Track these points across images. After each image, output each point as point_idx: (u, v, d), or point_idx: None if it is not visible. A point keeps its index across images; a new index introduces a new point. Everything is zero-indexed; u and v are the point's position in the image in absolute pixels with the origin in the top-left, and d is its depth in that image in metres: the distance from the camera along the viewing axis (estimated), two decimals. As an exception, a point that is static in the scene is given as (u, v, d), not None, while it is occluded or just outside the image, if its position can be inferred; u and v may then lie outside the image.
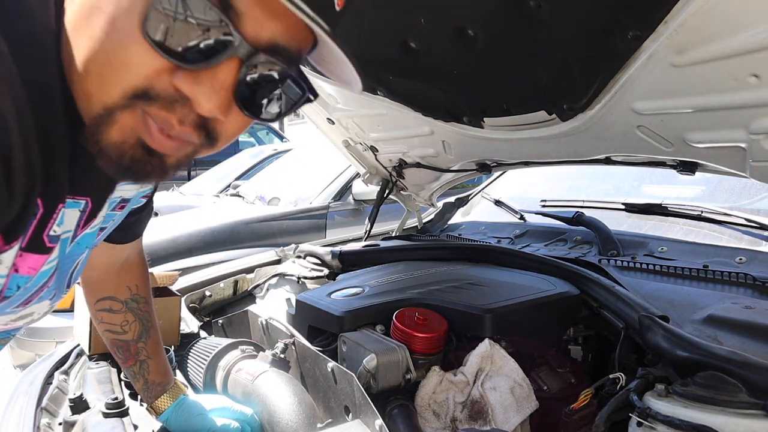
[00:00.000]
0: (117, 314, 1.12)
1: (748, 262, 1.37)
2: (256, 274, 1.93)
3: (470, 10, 1.17)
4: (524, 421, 1.14)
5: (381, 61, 1.48)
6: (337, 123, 2.03)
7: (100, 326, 1.14)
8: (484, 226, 2.12)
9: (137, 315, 1.14)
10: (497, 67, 1.33)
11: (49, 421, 1.23)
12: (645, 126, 1.28)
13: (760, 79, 0.96)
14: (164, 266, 3.19)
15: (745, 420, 0.83)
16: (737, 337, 1.04)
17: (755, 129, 1.09)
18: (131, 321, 1.13)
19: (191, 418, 1.13)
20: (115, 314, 1.12)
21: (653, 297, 1.25)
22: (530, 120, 1.46)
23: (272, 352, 1.29)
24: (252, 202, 4.34)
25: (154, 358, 1.16)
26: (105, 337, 1.15)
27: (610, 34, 1.06)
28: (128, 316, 1.13)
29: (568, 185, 2.35)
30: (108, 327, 1.13)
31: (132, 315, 1.13)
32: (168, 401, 1.15)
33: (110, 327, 1.13)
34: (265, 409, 1.12)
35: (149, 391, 1.16)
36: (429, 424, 1.14)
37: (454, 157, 1.95)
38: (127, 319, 1.13)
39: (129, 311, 1.13)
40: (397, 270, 1.62)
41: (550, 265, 1.50)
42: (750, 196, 1.71)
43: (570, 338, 1.35)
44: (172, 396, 1.16)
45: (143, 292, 1.15)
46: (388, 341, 1.20)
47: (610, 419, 0.92)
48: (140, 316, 1.14)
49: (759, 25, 0.88)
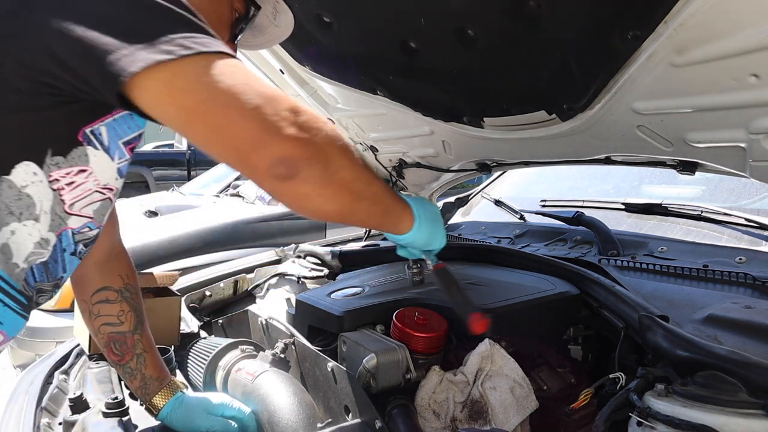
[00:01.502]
0: (114, 304, 1.13)
1: (748, 262, 1.37)
2: (256, 274, 1.93)
3: (470, 10, 1.17)
4: (524, 421, 1.14)
5: (381, 61, 1.48)
6: (336, 123, 2.02)
7: (97, 321, 1.14)
8: (484, 226, 2.11)
9: (131, 305, 1.15)
10: (497, 67, 1.33)
11: (49, 421, 1.23)
12: (645, 126, 1.28)
13: (760, 79, 0.96)
14: (164, 266, 3.19)
15: (745, 420, 0.83)
16: (737, 337, 1.04)
17: (755, 129, 1.09)
18: (127, 311, 1.14)
19: (191, 415, 1.13)
20: (111, 304, 1.13)
21: (653, 297, 1.25)
22: (530, 120, 1.46)
23: (272, 352, 1.29)
24: (252, 202, 4.33)
25: (150, 352, 1.16)
26: (102, 332, 1.14)
27: (610, 34, 1.06)
28: (124, 305, 1.14)
29: (568, 185, 2.35)
30: (105, 320, 1.13)
31: (127, 304, 1.14)
32: (166, 398, 1.15)
33: (107, 319, 1.13)
34: (265, 409, 1.12)
35: (147, 388, 1.15)
36: (429, 423, 1.14)
37: (454, 157, 1.95)
38: (123, 309, 1.14)
39: (124, 300, 1.14)
40: (397, 270, 1.62)
41: (550, 265, 1.50)
42: (750, 196, 1.71)
43: (570, 338, 1.35)
44: (170, 392, 1.16)
45: (133, 282, 1.17)
46: (388, 341, 1.20)
47: (610, 419, 0.92)
48: (134, 307, 1.16)
49: (759, 25, 0.88)
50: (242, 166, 0.77)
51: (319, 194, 0.80)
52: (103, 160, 0.85)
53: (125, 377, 1.17)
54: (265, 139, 0.73)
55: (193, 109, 0.72)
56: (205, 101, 0.72)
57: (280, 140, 0.74)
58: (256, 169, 0.75)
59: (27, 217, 0.80)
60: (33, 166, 0.78)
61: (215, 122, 0.73)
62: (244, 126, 0.72)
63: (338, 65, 1.62)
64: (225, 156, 0.76)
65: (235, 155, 0.75)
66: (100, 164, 0.84)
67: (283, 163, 0.74)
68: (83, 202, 0.86)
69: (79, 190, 0.84)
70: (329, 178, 0.80)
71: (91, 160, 0.83)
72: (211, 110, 0.72)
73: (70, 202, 0.84)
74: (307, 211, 0.84)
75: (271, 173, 0.75)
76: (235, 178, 5.51)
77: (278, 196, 0.80)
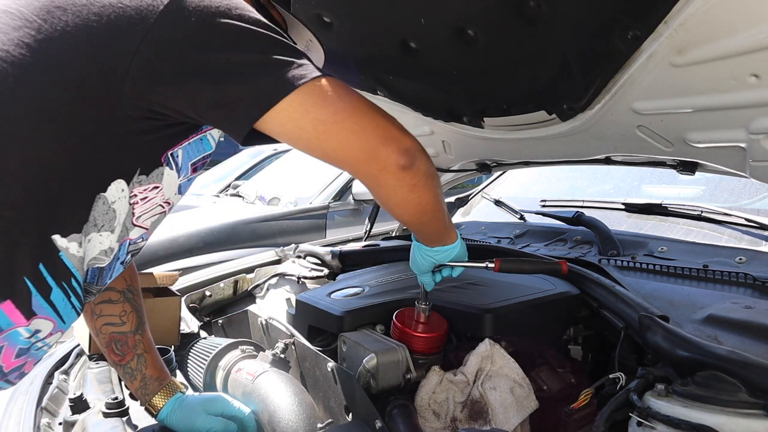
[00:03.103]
0: (116, 304, 1.15)
1: (748, 262, 1.37)
2: (256, 274, 1.93)
3: (470, 10, 1.17)
4: (524, 421, 1.14)
5: (381, 61, 1.48)
6: (337, 123, 2.02)
7: (99, 321, 1.15)
8: (484, 226, 2.11)
9: (133, 306, 1.17)
10: (497, 67, 1.33)
11: (49, 421, 1.23)
12: (645, 126, 1.28)
13: (760, 79, 0.96)
14: (164, 266, 3.20)
15: (745, 420, 0.83)
16: (737, 337, 1.04)
17: (755, 129, 1.09)
18: (129, 311, 1.16)
19: (191, 416, 1.13)
20: (114, 305, 1.15)
21: (653, 297, 1.25)
22: (530, 120, 1.46)
23: (272, 352, 1.29)
24: (252, 202, 4.34)
25: (150, 353, 1.18)
26: (104, 332, 1.16)
27: (610, 34, 1.06)
28: (126, 306, 1.16)
29: (568, 185, 2.35)
30: (107, 320, 1.15)
31: (129, 305, 1.17)
32: (165, 398, 1.15)
33: (109, 320, 1.15)
34: (265, 409, 1.12)
35: (146, 388, 1.16)
36: (429, 424, 1.14)
37: (454, 157, 1.95)
38: (125, 310, 1.16)
39: (126, 301, 1.16)
40: (397, 270, 1.62)
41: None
42: (750, 196, 1.72)
43: (570, 338, 1.35)
44: (170, 392, 1.16)
45: (135, 283, 1.20)
46: (388, 341, 1.20)
47: (610, 419, 0.92)
48: (136, 307, 1.18)
49: (759, 25, 0.88)
50: (372, 162, 0.87)
51: (425, 184, 0.93)
52: (173, 178, 0.94)
53: (125, 378, 1.18)
54: (393, 134, 0.88)
55: (328, 120, 0.84)
56: (338, 112, 0.84)
57: (402, 135, 0.89)
58: (386, 160, 0.87)
59: (106, 229, 0.88)
60: (123, 183, 0.86)
61: (350, 128, 0.85)
62: (376, 126, 0.87)
63: (338, 65, 1.62)
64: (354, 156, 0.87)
65: (366, 153, 0.87)
66: (169, 182, 0.93)
67: (407, 153, 0.88)
68: (148, 215, 0.94)
69: (148, 204, 0.92)
70: (431, 170, 0.94)
71: (164, 178, 0.92)
72: (345, 119, 0.85)
73: (138, 215, 0.92)
74: (412, 203, 0.95)
75: (399, 163, 0.87)
76: (235, 178, 5.52)
77: (397, 186, 0.91)
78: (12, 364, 0.86)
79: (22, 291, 0.81)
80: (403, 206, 0.96)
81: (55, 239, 0.82)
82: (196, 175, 1.01)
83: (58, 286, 0.84)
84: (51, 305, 0.85)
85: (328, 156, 0.89)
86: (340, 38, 1.43)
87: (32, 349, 0.88)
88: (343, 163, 0.90)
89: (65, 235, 0.83)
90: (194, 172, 0.99)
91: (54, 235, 0.82)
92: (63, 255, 0.84)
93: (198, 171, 1.00)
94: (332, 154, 0.88)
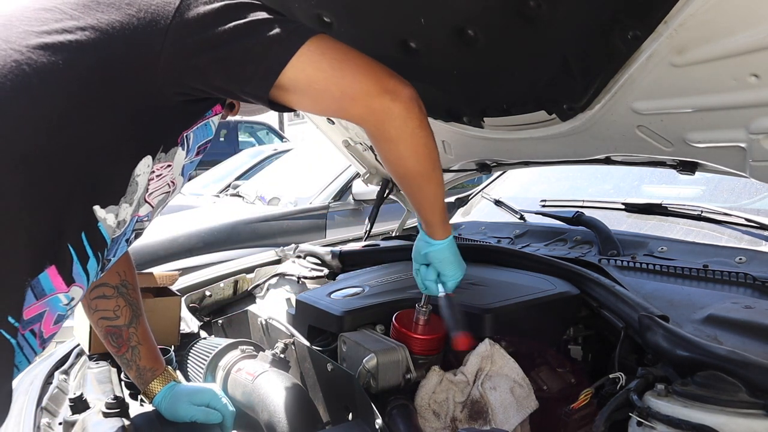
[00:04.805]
0: (110, 299, 1.19)
1: (748, 262, 1.37)
2: (256, 274, 1.93)
3: (470, 10, 1.17)
4: (524, 421, 1.14)
5: (381, 60, 1.48)
6: (337, 123, 2.03)
7: (95, 315, 1.20)
8: (484, 226, 2.11)
9: (127, 300, 1.21)
10: (497, 67, 1.33)
11: (49, 421, 1.23)
12: (645, 126, 1.28)
13: (760, 79, 0.96)
14: (164, 266, 3.19)
15: (745, 420, 0.83)
16: (737, 337, 1.04)
17: (755, 129, 1.09)
18: (122, 306, 1.20)
19: (175, 404, 1.18)
20: (108, 300, 1.19)
21: (653, 297, 1.25)
22: (530, 120, 1.46)
23: (272, 352, 1.29)
24: (252, 202, 4.34)
25: (144, 345, 1.22)
26: (99, 326, 1.20)
27: (610, 34, 1.06)
28: (119, 300, 1.20)
29: (568, 185, 2.35)
30: (102, 314, 1.19)
31: (123, 300, 1.20)
32: (159, 386, 1.20)
33: (104, 314, 1.19)
34: (265, 409, 1.12)
35: (142, 378, 1.21)
36: (429, 424, 1.14)
37: (454, 157, 1.95)
38: (119, 304, 1.20)
39: (120, 296, 1.20)
40: (397, 270, 1.62)
41: (550, 265, 1.50)
42: (750, 196, 1.71)
43: (570, 338, 1.35)
44: (163, 381, 1.21)
45: (130, 278, 1.22)
46: (388, 341, 1.20)
47: (610, 419, 0.92)
48: (130, 302, 1.21)
49: (759, 25, 0.88)
50: (384, 94, 0.95)
51: (429, 126, 1.01)
52: (181, 158, 0.99)
53: (123, 366, 1.23)
54: (393, 72, 0.97)
55: (342, 59, 0.93)
56: (348, 52, 0.95)
57: (397, 78, 0.97)
58: (396, 90, 0.95)
59: (127, 201, 0.92)
60: (149, 159, 0.92)
61: (361, 64, 0.95)
62: (379, 65, 0.97)
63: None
64: (368, 88, 0.94)
65: (379, 85, 0.94)
66: (178, 161, 0.99)
67: (411, 86, 0.97)
68: (158, 192, 0.99)
69: (161, 182, 0.97)
70: (425, 122, 1.00)
71: (175, 157, 0.97)
72: (356, 57, 0.95)
73: (151, 191, 0.97)
74: (420, 142, 1.01)
75: (409, 94, 0.97)
76: (235, 178, 5.52)
77: (407, 119, 0.97)
78: (50, 330, 0.91)
79: (65, 258, 0.85)
80: (412, 146, 1.01)
81: (96, 210, 0.87)
82: (198, 159, 1.07)
83: (94, 256, 0.90)
84: (86, 273, 0.89)
85: (345, 94, 0.94)
86: (340, 38, 1.43)
87: (65, 317, 0.92)
88: (357, 100, 0.95)
89: (104, 206, 0.88)
90: (197, 155, 1.06)
91: (95, 205, 0.87)
92: (101, 225, 0.89)
93: (200, 155, 1.06)
94: (349, 90, 0.94)
